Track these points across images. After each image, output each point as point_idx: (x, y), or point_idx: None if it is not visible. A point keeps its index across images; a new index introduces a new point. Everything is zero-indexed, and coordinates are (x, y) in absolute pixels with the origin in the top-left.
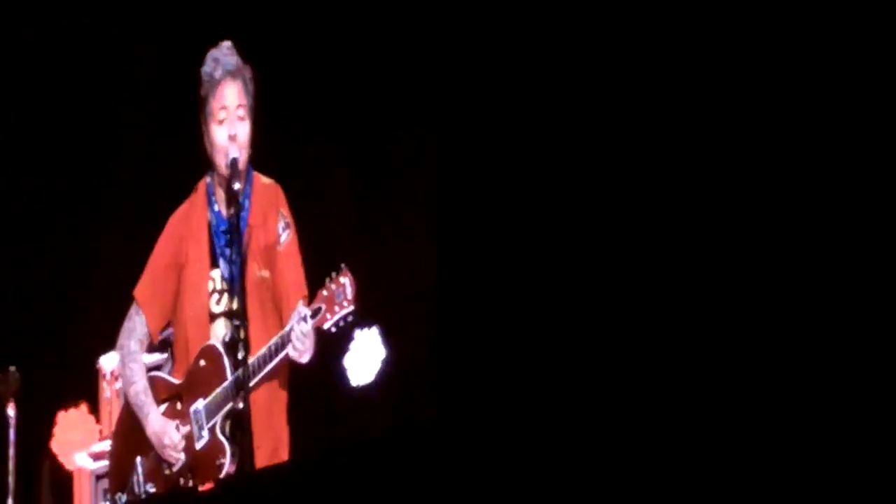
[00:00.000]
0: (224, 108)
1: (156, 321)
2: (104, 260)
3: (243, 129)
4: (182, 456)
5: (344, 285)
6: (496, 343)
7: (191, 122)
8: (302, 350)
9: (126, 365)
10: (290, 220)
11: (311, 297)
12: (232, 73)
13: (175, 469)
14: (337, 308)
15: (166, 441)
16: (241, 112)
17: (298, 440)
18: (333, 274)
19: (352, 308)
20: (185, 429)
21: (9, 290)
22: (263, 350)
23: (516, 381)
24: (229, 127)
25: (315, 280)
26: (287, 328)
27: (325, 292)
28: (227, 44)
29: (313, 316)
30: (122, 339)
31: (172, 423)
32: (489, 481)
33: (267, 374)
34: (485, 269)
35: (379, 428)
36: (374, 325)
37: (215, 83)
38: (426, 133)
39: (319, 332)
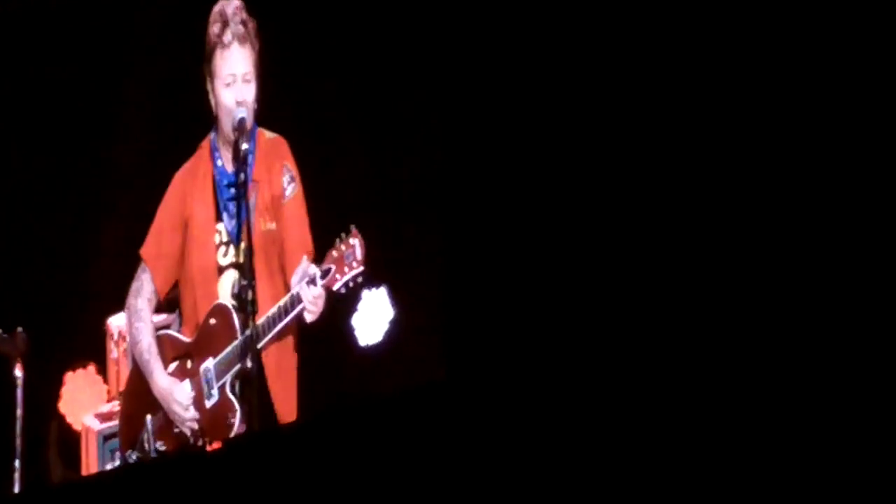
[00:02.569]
0: (232, 74)
1: (162, 279)
2: (111, 220)
3: (250, 92)
4: (190, 414)
5: (353, 246)
6: (504, 301)
7: (195, 79)
8: (315, 311)
9: (133, 324)
10: (295, 173)
11: (319, 256)
12: (240, 37)
13: (185, 427)
14: (346, 269)
15: (174, 400)
16: (249, 76)
17: (306, 401)
18: (343, 235)
19: (361, 269)
20: (195, 387)
21: (16, 251)
22: (273, 310)
23: (524, 339)
24: (237, 92)
25: (322, 237)
26: (295, 290)
27: (334, 253)
28: (236, 3)
29: (323, 276)
30: (130, 298)
31: (179, 383)
32: (497, 441)
33: (276, 334)
34: (492, 228)
35: (387, 388)
36: (382, 284)
37: (224, 46)
38: (436, 94)
39: (328, 293)
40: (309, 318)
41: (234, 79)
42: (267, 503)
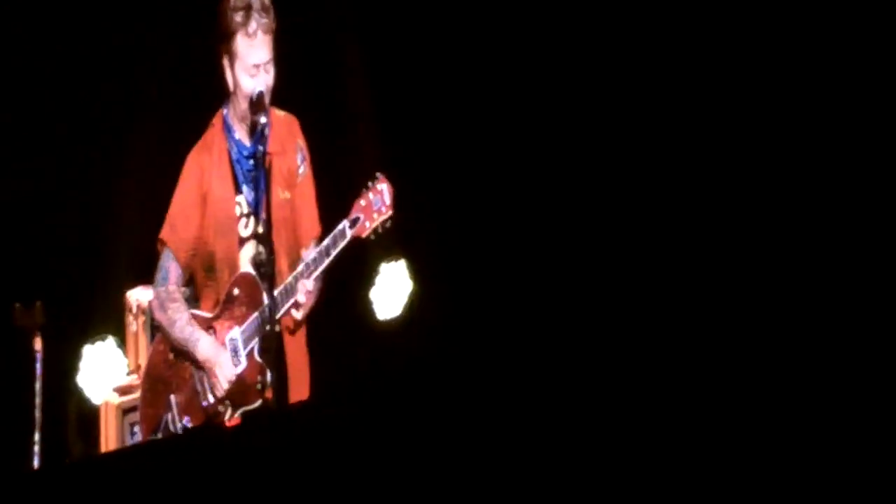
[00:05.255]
0: (256, 65)
1: (185, 256)
2: (130, 193)
3: (270, 78)
4: (232, 377)
5: (381, 192)
6: (518, 276)
7: (207, 55)
8: (307, 306)
9: (166, 308)
10: (306, 153)
11: (348, 221)
12: (265, 28)
13: (212, 399)
14: (375, 215)
15: (221, 365)
16: (269, 64)
17: (323, 375)
18: (370, 182)
19: (390, 213)
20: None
21: (36, 224)
22: (289, 279)
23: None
24: (258, 80)
25: (331, 216)
26: (291, 279)
27: (362, 201)
28: None
29: (352, 226)
30: (157, 287)
31: (226, 351)
32: (509, 411)
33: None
34: (507, 205)
35: (405, 361)
36: (401, 258)
37: (248, 35)
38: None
39: (358, 241)
40: (298, 315)
41: (258, 69)
42: (286, 479)
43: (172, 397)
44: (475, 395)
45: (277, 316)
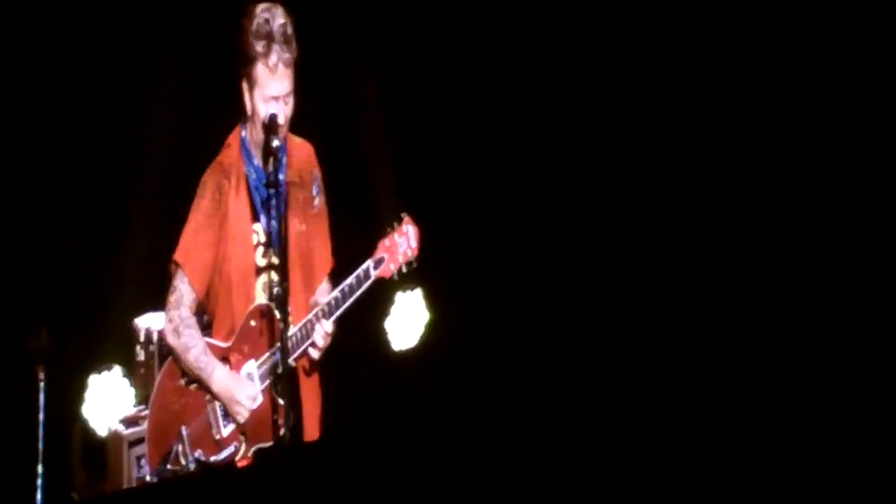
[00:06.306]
0: (275, 97)
1: (200, 280)
2: (138, 220)
3: (289, 109)
4: (255, 397)
5: (407, 233)
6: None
7: (224, 79)
8: (321, 347)
9: (181, 334)
10: (321, 183)
11: (339, 270)
12: (286, 61)
13: (225, 432)
14: (401, 257)
15: (241, 391)
16: (290, 97)
17: (339, 408)
18: (395, 223)
19: (416, 255)
20: None
21: (43, 252)
22: (310, 316)
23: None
24: (277, 110)
25: (345, 248)
26: (320, 308)
27: (387, 242)
28: (281, 20)
29: (376, 266)
30: (171, 310)
31: (242, 377)
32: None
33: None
34: (524, 233)
35: (422, 392)
36: (418, 287)
37: (269, 68)
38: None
39: (380, 282)
40: (314, 354)
41: (278, 100)
42: None
43: (183, 428)
44: (492, 430)
45: (294, 355)
